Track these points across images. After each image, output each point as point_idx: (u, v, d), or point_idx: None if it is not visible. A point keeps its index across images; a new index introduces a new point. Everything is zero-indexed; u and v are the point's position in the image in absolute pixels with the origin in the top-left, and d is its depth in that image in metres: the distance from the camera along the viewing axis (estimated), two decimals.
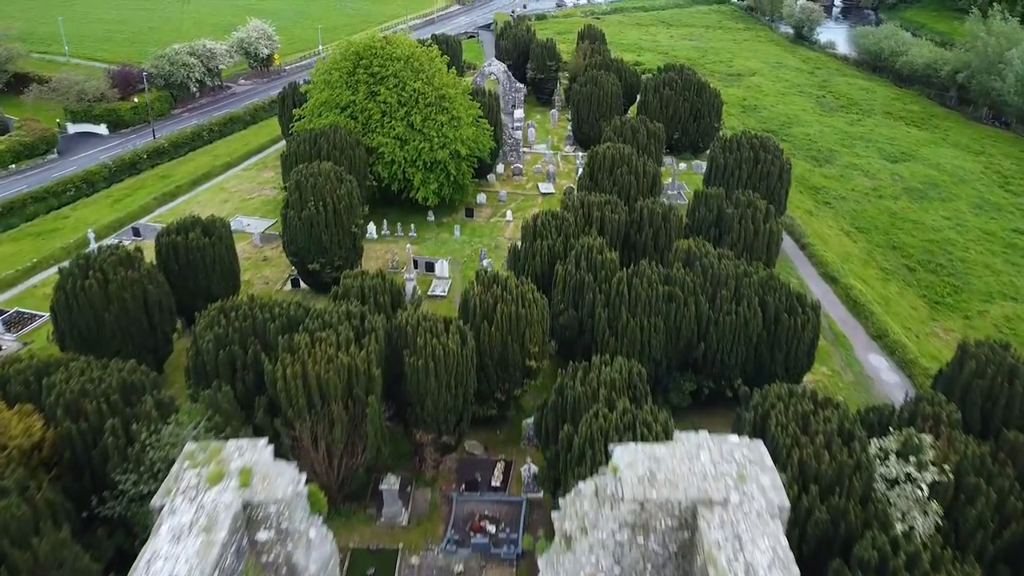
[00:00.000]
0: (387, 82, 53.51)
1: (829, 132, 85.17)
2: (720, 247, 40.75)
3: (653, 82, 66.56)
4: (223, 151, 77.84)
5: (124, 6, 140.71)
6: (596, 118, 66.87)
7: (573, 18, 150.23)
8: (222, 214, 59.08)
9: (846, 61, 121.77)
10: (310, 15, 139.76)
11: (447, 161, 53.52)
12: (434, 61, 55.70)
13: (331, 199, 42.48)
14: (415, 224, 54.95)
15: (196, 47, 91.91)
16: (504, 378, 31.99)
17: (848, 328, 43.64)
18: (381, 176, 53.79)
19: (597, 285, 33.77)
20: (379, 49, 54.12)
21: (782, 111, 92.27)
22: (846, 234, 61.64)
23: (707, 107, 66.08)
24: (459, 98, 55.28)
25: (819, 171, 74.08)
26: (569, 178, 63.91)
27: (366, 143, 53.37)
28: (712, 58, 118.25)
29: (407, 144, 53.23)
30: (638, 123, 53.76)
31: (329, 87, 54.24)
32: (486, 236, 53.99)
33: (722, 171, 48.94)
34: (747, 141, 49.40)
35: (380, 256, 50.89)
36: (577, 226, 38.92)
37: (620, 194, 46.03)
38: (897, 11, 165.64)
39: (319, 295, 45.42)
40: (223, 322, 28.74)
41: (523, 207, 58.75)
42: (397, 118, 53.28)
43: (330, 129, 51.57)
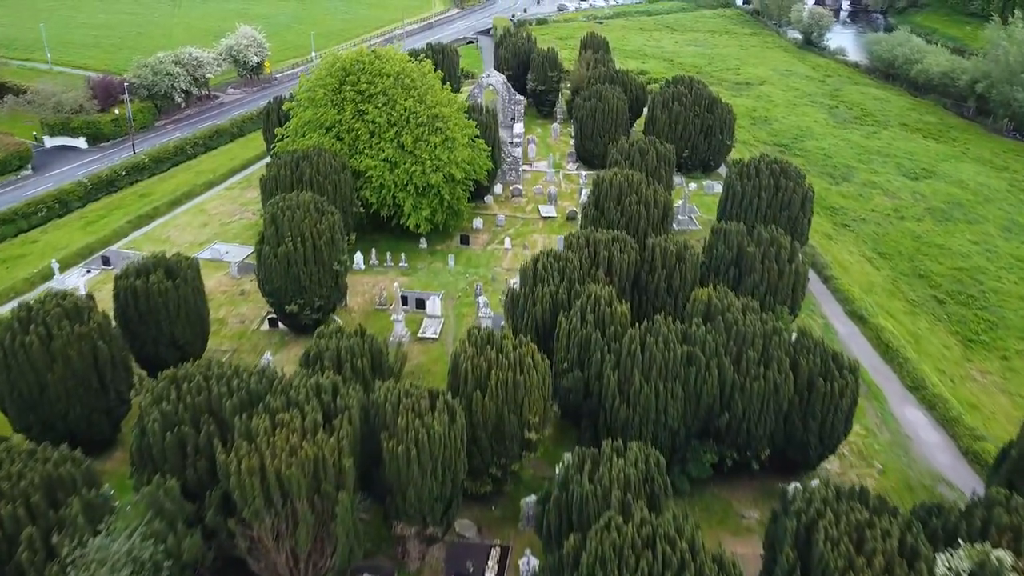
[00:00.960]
0: (375, 100, 49.50)
1: (844, 146, 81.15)
2: (741, 288, 36.82)
3: (661, 96, 62.55)
4: (207, 167, 73.90)
5: (112, 10, 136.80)
6: (600, 135, 62.90)
7: (575, 23, 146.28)
8: (200, 240, 55.64)
9: (857, 68, 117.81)
10: (304, 20, 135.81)
11: (440, 185, 49.54)
12: (427, 77, 51.69)
13: (311, 234, 38.49)
14: (406, 252, 50.97)
15: (181, 55, 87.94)
16: (500, 452, 28.03)
17: (880, 376, 39.60)
18: (369, 202, 49.81)
19: (606, 343, 29.77)
20: (367, 64, 50.12)
21: (794, 123, 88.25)
22: (868, 260, 57.63)
23: (719, 123, 62.10)
24: (454, 117, 51.28)
25: (836, 190, 70.05)
26: (572, 199, 59.92)
27: (353, 166, 49.40)
28: (719, 65, 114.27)
29: (397, 167, 49.25)
30: (647, 145, 49.75)
31: (313, 105, 50.23)
32: (482, 266, 49.97)
33: (739, 199, 44.93)
34: (766, 166, 45.39)
35: (367, 290, 46.90)
36: (582, 268, 34.91)
37: (629, 226, 42.10)
38: (907, 15, 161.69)
39: (298, 337, 41.52)
40: (173, 396, 24.73)
41: (522, 232, 54.74)
42: (386, 139, 49.30)
43: (313, 151, 47.59)
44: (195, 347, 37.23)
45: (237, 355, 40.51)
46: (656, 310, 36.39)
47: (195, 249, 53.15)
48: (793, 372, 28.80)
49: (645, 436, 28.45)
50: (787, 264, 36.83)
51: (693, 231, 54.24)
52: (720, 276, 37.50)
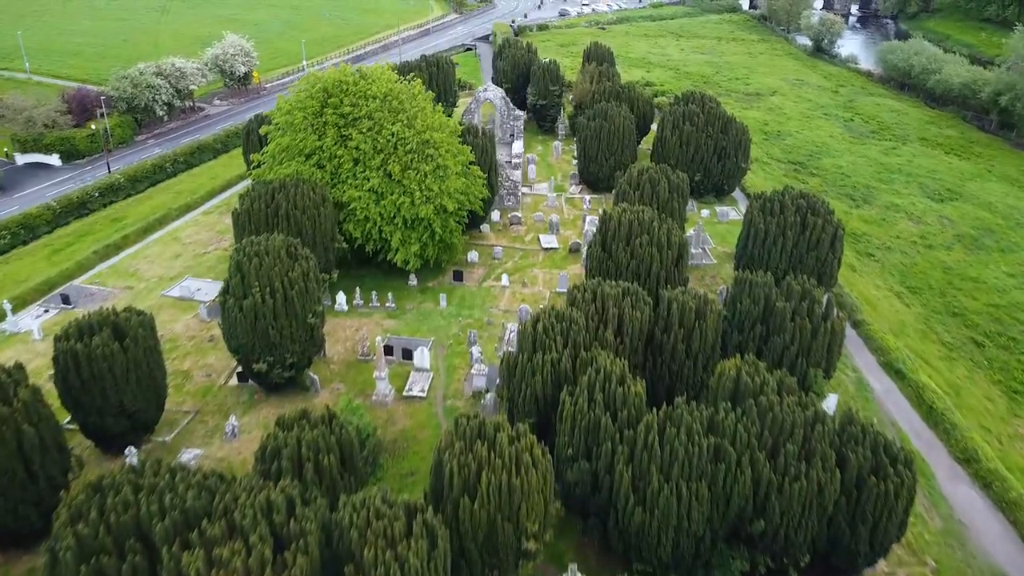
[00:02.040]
0: (360, 125, 45.06)
1: (863, 164, 76.65)
2: (769, 349, 32.37)
3: (671, 116, 58.04)
4: (186, 187, 69.51)
5: (99, 16, 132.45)
6: (605, 156, 58.44)
7: (577, 28, 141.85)
8: (171, 274, 51.13)
9: (871, 78, 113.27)
10: (296, 27, 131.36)
11: (431, 218, 45.10)
12: (416, 99, 47.24)
13: (281, 284, 34.03)
14: (394, 291, 46.54)
15: (164, 66, 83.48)
16: (492, 565, 23.58)
17: (925, 445, 35.10)
18: (353, 236, 45.37)
19: (618, 430, 25.30)
20: (351, 86, 45.67)
21: (808, 138, 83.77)
22: (897, 296, 53.16)
23: (733, 145, 57.61)
24: (446, 142, 46.83)
25: (857, 213, 65.56)
26: (574, 228, 55.44)
27: (335, 196, 44.98)
28: (727, 74, 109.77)
29: (384, 198, 44.82)
30: (658, 174, 45.27)
31: (291, 130, 45.78)
32: (477, 307, 45.50)
33: (762, 238, 40.44)
34: (791, 201, 40.90)
35: (349, 336, 42.44)
36: (589, 329, 30.47)
37: (640, 269, 37.68)
38: (918, 21, 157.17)
39: (269, 396, 37.09)
40: (93, 516, 20.28)
41: (521, 266, 50.25)
42: (372, 167, 44.86)
43: (291, 182, 43.15)
44: (148, 415, 32.88)
45: (200, 418, 36.06)
46: (673, 374, 32.02)
47: (164, 285, 48.80)
48: (839, 468, 24.35)
49: (663, 543, 24.06)
50: (821, 321, 32.35)
51: (707, 265, 49.77)
52: (745, 334, 33.05)
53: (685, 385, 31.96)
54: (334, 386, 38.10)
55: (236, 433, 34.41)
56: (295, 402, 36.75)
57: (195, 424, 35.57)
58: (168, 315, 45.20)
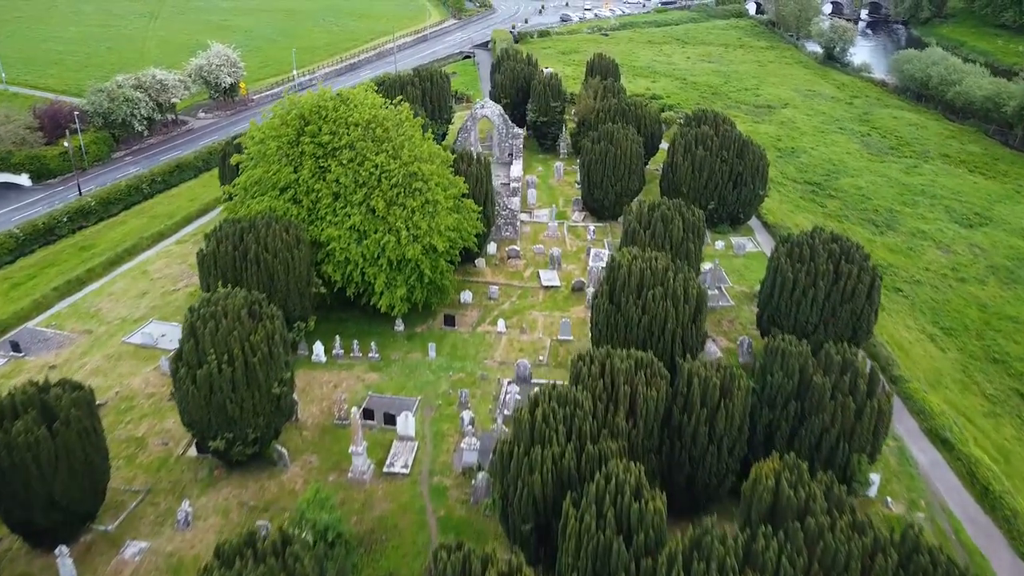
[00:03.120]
0: (340, 155, 40.58)
1: (883, 184, 72.09)
2: (805, 430, 27.85)
3: (683, 139, 53.52)
4: (163, 210, 65.12)
5: (84, 22, 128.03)
6: (611, 182, 53.91)
7: (579, 35, 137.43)
8: (135, 315, 46.52)
9: (885, 88, 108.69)
10: (289, 33, 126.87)
11: (419, 259, 40.61)
12: (403, 126, 42.74)
13: (242, 350, 29.55)
14: (378, 338, 42.07)
15: (143, 79, 79.05)
16: None
17: (981, 535, 30.55)
18: (332, 279, 40.90)
19: (633, 558, 20.79)
20: (330, 112, 41.21)
21: (824, 155, 79.20)
22: (930, 338, 48.59)
23: (750, 170, 53.07)
24: (436, 174, 42.34)
25: (881, 241, 61.00)
26: (577, 261, 50.91)
27: (312, 234, 40.54)
28: (736, 85, 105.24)
29: (366, 237, 40.35)
30: (671, 210, 40.71)
31: (264, 161, 41.30)
32: (470, 358, 40.98)
33: (789, 288, 35.89)
34: (823, 246, 36.35)
35: (326, 394, 37.93)
36: (597, 414, 25.96)
37: (653, 325, 33.21)
38: (931, 27, 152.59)
39: (231, 473, 32.57)
40: None
41: (520, 308, 45.74)
42: (353, 203, 40.37)
43: (263, 220, 38.70)
44: (85, 505, 28.37)
45: (151, 499, 31.54)
46: (694, 461, 27.52)
47: (126, 329, 44.30)
48: None
49: None
50: (866, 399, 27.82)
51: (724, 308, 45.23)
52: (777, 411, 28.52)
53: (708, 473, 27.52)
54: (306, 458, 33.60)
55: (190, 520, 29.93)
56: (260, 480, 32.34)
57: (144, 507, 31.05)
58: (127, 366, 40.75)
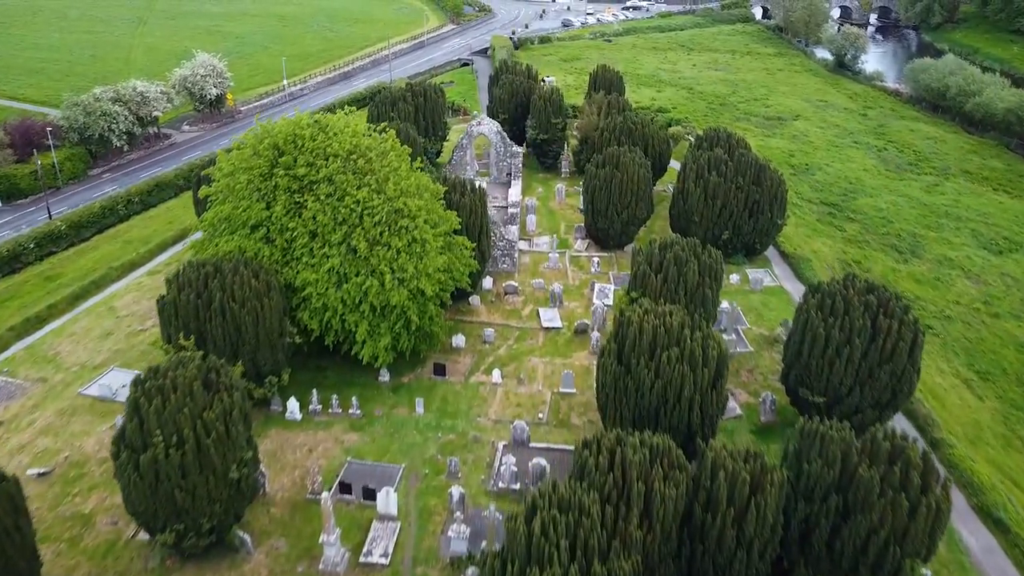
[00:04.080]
0: (318, 190, 36.53)
1: (904, 205, 68.01)
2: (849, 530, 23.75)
3: (694, 163, 49.43)
4: (138, 234, 61.23)
5: (70, 28, 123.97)
6: (617, 210, 49.82)
7: (581, 40, 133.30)
8: (96, 360, 42.22)
9: (899, 98, 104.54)
10: (282, 39, 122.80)
11: (406, 305, 36.55)
12: (388, 156, 38.65)
13: (194, 430, 25.52)
14: (360, 391, 38.03)
15: (123, 91, 75.15)
16: None
17: None
18: (308, 328, 36.84)
19: None
20: (307, 141, 37.15)
21: (839, 172, 75.07)
22: (965, 384, 44.53)
23: (768, 197, 48.99)
24: (425, 209, 38.25)
25: (906, 270, 56.94)
26: (580, 298, 46.84)
27: (286, 277, 36.50)
28: (745, 95, 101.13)
29: (347, 281, 36.27)
30: (685, 251, 36.57)
31: (234, 196, 37.24)
32: (461, 414, 36.88)
33: (822, 347, 31.78)
34: (858, 298, 32.22)
35: (299, 461, 33.84)
36: (605, 523, 21.90)
37: (667, 391, 29.18)
38: (943, 32, 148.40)
39: (186, 565, 28.48)
40: None
41: (518, 353, 41.63)
42: (332, 242, 36.29)
43: (230, 264, 34.68)
44: None
45: None
46: (718, 568, 23.47)
47: (84, 378, 40.24)
48: None
49: None
50: (920, 495, 23.73)
51: (743, 354, 41.13)
52: (816, 505, 24.43)
53: None
54: (273, 543, 29.53)
55: None
56: (218, 570, 28.25)
57: None
58: (81, 423, 36.70)
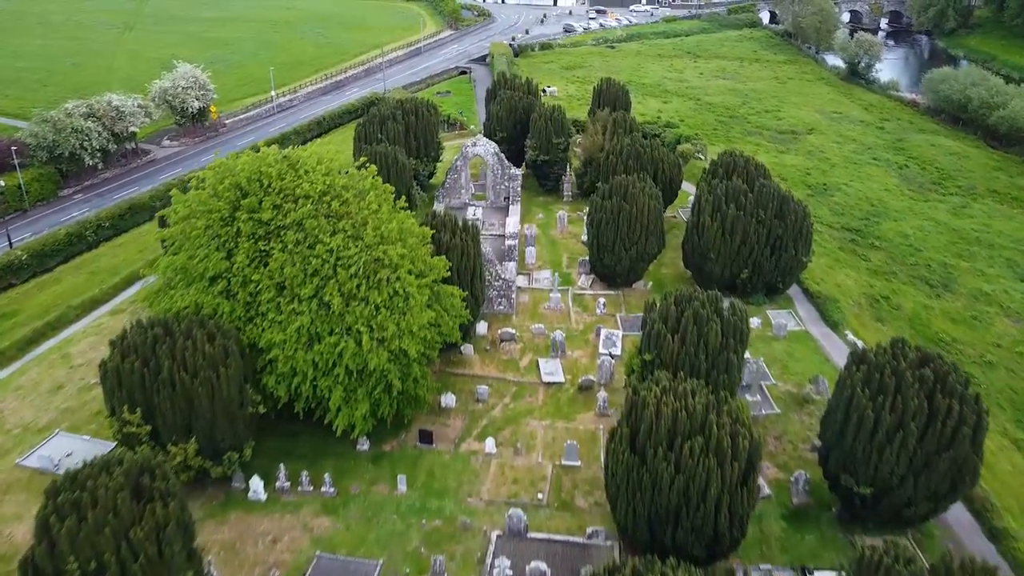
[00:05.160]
0: (286, 237, 31.95)
1: (931, 230, 63.34)
2: None
3: (711, 194, 44.83)
4: (106, 264, 56.77)
5: (52, 34, 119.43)
6: (625, 246, 45.22)
7: (583, 47, 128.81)
8: (41, 421, 37.38)
9: (916, 108, 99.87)
10: (273, 46, 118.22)
11: (387, 368, 31.97)
12: (367, 196, 34.02)
13: (117, 553, 20.94)
14: (334, 462, 33.52)
15: (97, 105, 70.55)
16: None
17: None
18: (275, 394, 32.24)
19: None
20: (274, 180, 32.58)
21: (861, 192, 70.40)
22: (1015, 445, 39.84)
23: (791, 233, 44.38)
24: (408, 259, 33.63)
25: (939, 307, 52.27)
26: (585, 345, 42.22)
27: (249, 337, 31.95)
28: (755, 106, 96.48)
29: (319, 341, 31.68)
30: (707, 307, 31.89)
31: (190, 243, 32.66)
32: (450, 494, 32.27)
33: (869, 430, 27.15)
34: (911, 372, 27.57)
35: (260, 556, 29.22)
36: None
37: (690, 489, 24.60)
38: (957, 38, 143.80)
39: None
40: None
41: (515, 415, 36.99)
42: (302, 297, 31.70)
43: (183, 326, 30.12)
44: None
45: None
46: None
47: (27, 442, 35.62)
48: None
49: None
50: None
51: (768, 416, 36.49)
52: None
53: None
54: None
55: None
56: None
57: None
58: (15, 503, 32.09)
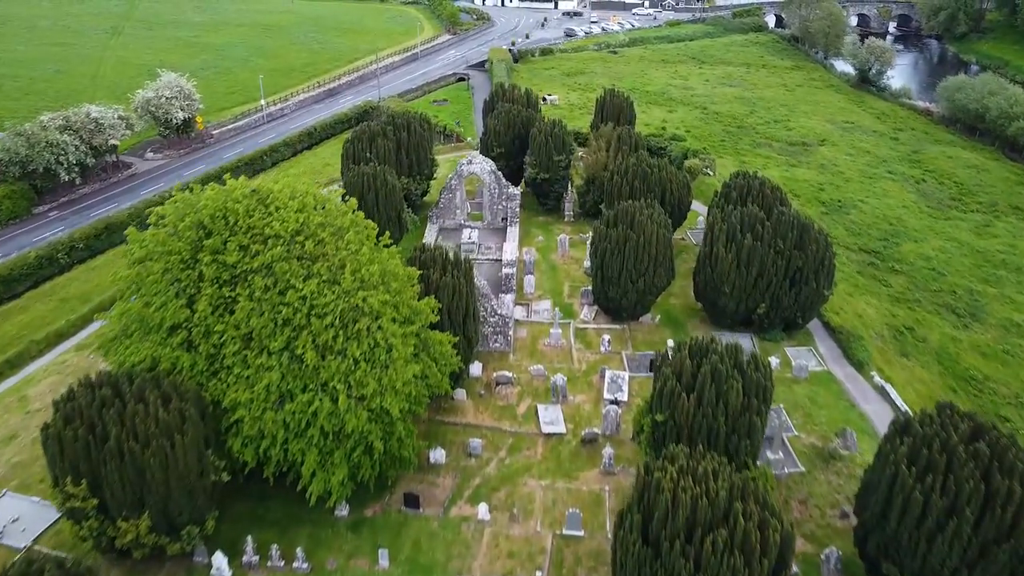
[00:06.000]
0: (254, 282, 28.42)
1: (954, 252, 59.75)
2: None
3: (725, 222, 41.32)
4: (78, 290, 53.39)
5: (38, 40, 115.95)
6: (631, 279, 41.70)
7: (585, 52, 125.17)
8: None
9: (930, 117, 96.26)
10: (265, 52, 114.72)
11: (367, 429, 28.47)
12: (344, 236, 30.44)
13: None
14: (309, 532, 30.05)
15: (74, 117, 67.21)
16: None
17: None
18: (241, 458, 28.74)
19: None
20: (242, 217, 29.08)
21: (877, 210, 66.79)
22: None
23: (812, 264, 40.84)
24: (392, 305, 30.11)
25: (967, 338, 48.74)
26: (588, 388, 38.69)
27: (211, 394, 28.46)
28: (764, 115, 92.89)
29: (291, 399, 28.18)
30: (725, 363, 28.36)
31: (146, 289, 29.18)
32: (438, 570, 28.71)
33: (917, 516, 23.60)
34: (961, 444, 24.04)
35: None
36: None
37: None
38: (968, 42, 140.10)
39: None
40: None
41: (511, 472, 33.44)
42: (272, 350, 28.20)
43: (136, 386, 26.63)
44: None
45: None
46: None
47: None
48: None
49: None
50: None
51: (792, 475, 32.94)
52: None
53: None
54: None
55: None
56: None
57: None
58: None
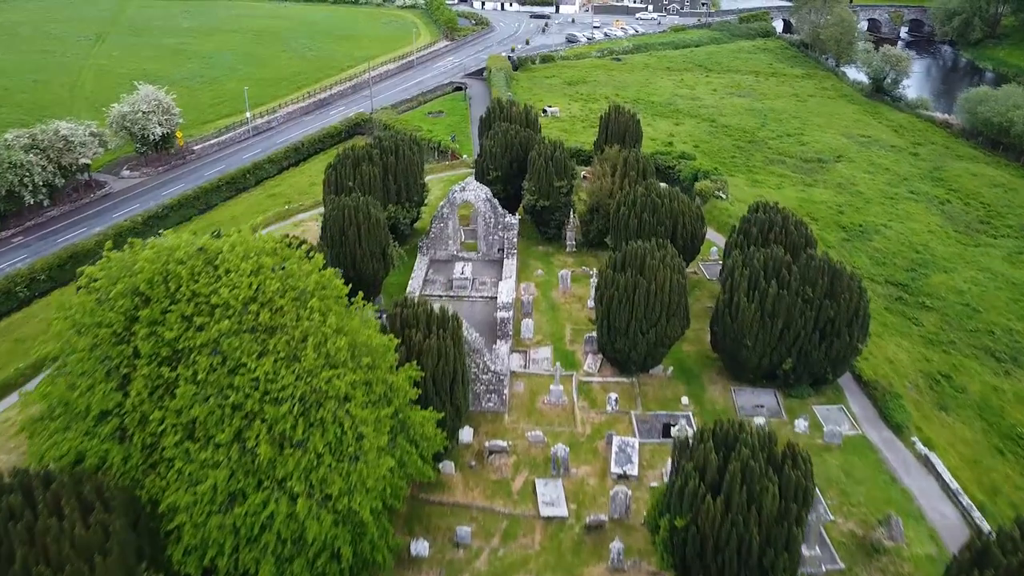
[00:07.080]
0: (198, 361, 23.88)
1: (988, 285, 55.17)
2: None
3: (747, 267, 36.80)
4: (33, 329, 49.21)
5: (19, 48, 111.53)
6: (641, 329, 37.19)
7: (587, 59, 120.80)
8: None
9: (949, 129, 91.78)
10: (254, 60, 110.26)
11: (332, 535, 23.96)
12: (308, 303, 25.83)
13: None
14: None
15: (42, 136, 62.86)
16: None
17: None
18: (183, 570, 24.19)
19: None
20: (186, 282, 24.55)
21: (902, 235, 62.25)
22: None
23: (845, 314, 36.31)
24: (363, 385, 25.55)
25: (1010, 388, 44.20)
26: (594, 456, 34.16)
27: (149, 493, 23.97)
28: (776, 128, 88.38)
29: (242, 500, 23.66)
30: (759, 459, 23.81)
31: (71, 368, 24.71)
32: None
33: None
34: None
35: None
36: None
37: None
38: (983, 49, 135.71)
39: None
40: None
41: (504, 569, 28.81)
42: (219, 441, 23.66)
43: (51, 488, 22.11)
44: None
45: None
46: None
47: None
48: None
49: None
50: None
51: (831, 573, 28.38)
52: None
53: None
54: None
55: None
56: None
57: None
58: None
